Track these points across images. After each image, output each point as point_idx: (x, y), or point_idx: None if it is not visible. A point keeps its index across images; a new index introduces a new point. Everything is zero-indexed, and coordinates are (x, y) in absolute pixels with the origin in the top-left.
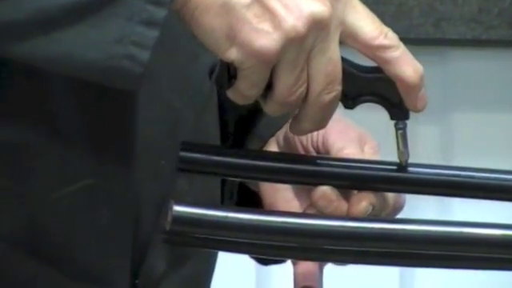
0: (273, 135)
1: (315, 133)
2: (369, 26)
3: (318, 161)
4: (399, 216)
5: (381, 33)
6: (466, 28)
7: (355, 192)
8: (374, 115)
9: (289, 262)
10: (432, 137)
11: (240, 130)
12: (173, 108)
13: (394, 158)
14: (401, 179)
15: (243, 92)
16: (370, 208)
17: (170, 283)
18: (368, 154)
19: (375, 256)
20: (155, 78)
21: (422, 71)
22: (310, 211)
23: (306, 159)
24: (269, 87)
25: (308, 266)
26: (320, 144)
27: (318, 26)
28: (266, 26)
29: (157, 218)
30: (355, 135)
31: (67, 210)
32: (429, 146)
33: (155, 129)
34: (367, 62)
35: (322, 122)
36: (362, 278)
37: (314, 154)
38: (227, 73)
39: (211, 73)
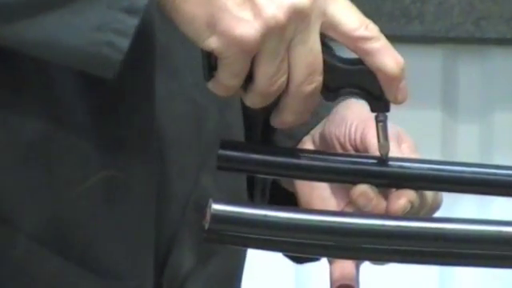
0: (305, 135)
1: (353, 130)
2: (350, 17)
3: (355, 159)
4: (436, 214)
5: (361, 24)
6: (506, 27)
7: (394, 190)
8: None
9: (325, 261)
10: (471, 136)
11: (267, 128)
12: (197, 105)
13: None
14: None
15: (224, 82)
16: (409, 206)
17: (197, 280)
18: (406, 153)
19: (414, 255)
20: (179, 75)
21: (402, 63)
22: (348, 210)
23: (343, 157)
24: (249, 79)
25: (344, 264)
26: (358, 141)
27: (298, 16)
28: (246, 14)
29: (182, 215)
30: (393, 133)
31: (88, 207)
32: (468, 145)
33: (180, 125)
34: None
35: (303, 114)
36: (401, 277)
37: (351, 151)
38: (208, 64)
39: None
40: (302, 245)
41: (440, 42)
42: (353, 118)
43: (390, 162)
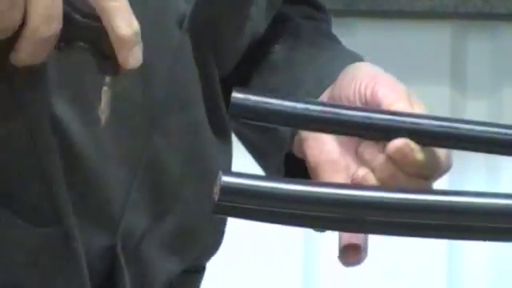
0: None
1: (363, 87)
2: None
3: (367, 113)
4: (445, 183)
5: None
6: None
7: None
8: None
9: (334, 248)
10: (480, 112)
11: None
12: (143, 63)
13: None
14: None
15: None
16: (407, 148)
17: (152, 238)
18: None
19: (422, 228)
20: None
21: (137, 27)
22: (360, 172)
23: (356, 111)
24: None
25: None
26: (368, 97)
27: None
28: None
29: (134, 175)
30: (404, 91)
31: (15, 150)
32: None
33: (127, 85)
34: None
35: (38, 57)
36: (411, 247)
37: None
38: None
39: (181, 23)
40: (312, 217)
41: (449, 17)
42: (362, 76)
43: (403, 118)
